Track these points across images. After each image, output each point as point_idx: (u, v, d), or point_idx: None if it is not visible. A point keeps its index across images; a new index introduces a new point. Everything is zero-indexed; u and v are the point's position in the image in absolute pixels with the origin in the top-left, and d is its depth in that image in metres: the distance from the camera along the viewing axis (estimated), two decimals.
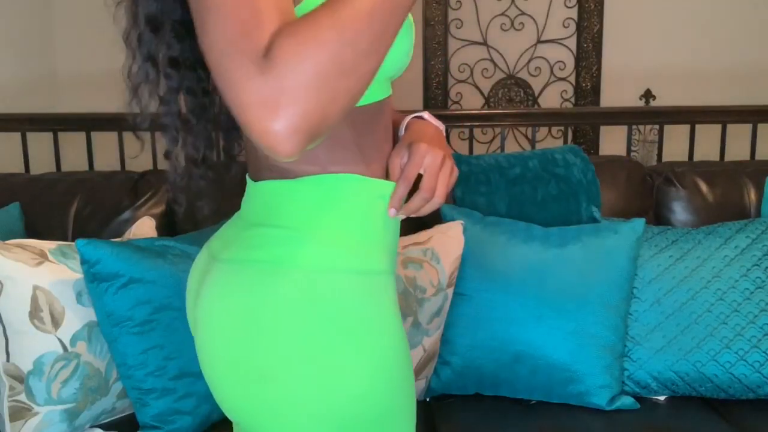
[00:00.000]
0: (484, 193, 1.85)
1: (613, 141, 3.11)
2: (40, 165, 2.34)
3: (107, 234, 1.85)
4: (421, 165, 0.92)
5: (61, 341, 1.48)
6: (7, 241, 1.52)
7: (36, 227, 1.85)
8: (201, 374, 0.96)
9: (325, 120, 0.66)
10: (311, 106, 0.65)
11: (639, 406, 1.65)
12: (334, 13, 0.66)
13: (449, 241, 1.72)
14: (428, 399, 1.72)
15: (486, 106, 3.61)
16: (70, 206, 1.90)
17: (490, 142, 3.59)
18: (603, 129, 3.45)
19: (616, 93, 3.49)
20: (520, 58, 3.56)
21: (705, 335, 1.66)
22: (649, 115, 2.76)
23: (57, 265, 1.51)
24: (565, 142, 2.92)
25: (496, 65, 3.58)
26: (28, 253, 1.50)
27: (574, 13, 3.50)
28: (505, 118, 2.49)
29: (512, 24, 3.53)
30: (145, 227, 1.80)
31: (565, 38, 3.52)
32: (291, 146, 0.65)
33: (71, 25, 3.33)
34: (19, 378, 1.45)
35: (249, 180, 0.97)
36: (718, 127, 2.42)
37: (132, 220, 1.86)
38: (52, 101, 3.21)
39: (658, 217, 1.97)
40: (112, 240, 1.63)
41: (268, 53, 0.65)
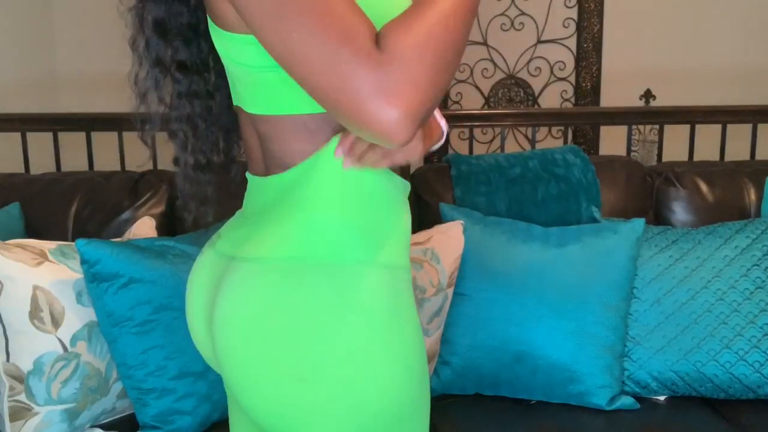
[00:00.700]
0: (484, 193, 1.85)
1: (613, 141, 3.10)
2: (40, 165, 2.34)
3: (107, 234, 1.84)
4: None
5: (61, 341, 1.48)
6: (7, 241, 1.52)
7: (36, 227, 1.85)
8: (201, 374, 0.95)
9: (434, 107, 0.75)
10: (430, 95, 0.72)
11: (639, 406, 1.65)
12: (437, 7, 0.74)
13: (449, 241, 1.72)
14: None
15: (486, 106, 3.61)
16: (70, 206, 1.90)
17: (490, 142, 3.59)
18: (603, 129, 3.45)
19: (616, 93, 3.48)
20: (520, 58, 3.55)
21: (705, 335, 1.66)
22: (649, 115, 2.76)
23: (57, 265, 1.51)
24: (565, 142, 2.92)
25: (496, 65, 3.57)
26: (28, 253, 1.50)
27: (574, 13, 3.50)
28: (505, 118, 2.49)
29: (512, 24, 3.53)
30: (145, 227, 1.80)
31: (565, 38, 3.52)
32: (408, 132, 0.71)
33: (71, 25, 3.33)
34: (19, 378, 1.45)
35: (255, 177, 0.96)
36: (718, 127, 2.42)
37: (132, 220, 1.86)
38: (52, 101, 3.21)
39: (658, 217, 1.97)
40: (112, 240, 1.63)
41: (384, 48, 0.71)
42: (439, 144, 1.00)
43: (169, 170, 2.05)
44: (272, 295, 0.87)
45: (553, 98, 3.58)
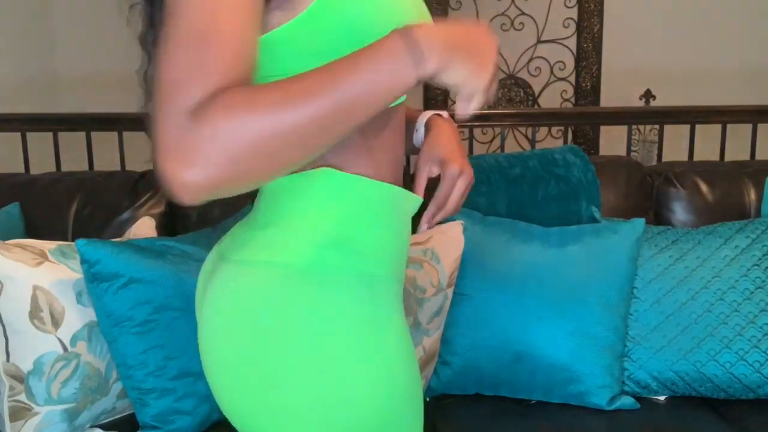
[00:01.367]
0: (484, 193, 1.85)
1: (613, 141, 3.10)
2: (40, 165, 2.34)
3: (107, 234, 1.84)
4: (452, 188, 0.96)
5: (61, 341, 1.48)
6: (7, 241, 1.52)
7: (36, 227, 1.85)
8: (201, 374, 0.95)
9: (232, 187, 0.70)
10: (223, 175, 0.68)
11: (639, 406, 1.65)
12: (274, 101, 0.69)
13: (449, 241, 1.72)
14: (428, 399, 1.72)
15: (486, 106, 3.60)
16: (70, 206, 1.90)
17: (490, 142, 3.59)
18: (603, 129, 3.45)
19: (616, 93, 3.49)
20: (520, 58, 3.56)
21: (705, 335, 1.66)
22: (649, 115, 2.76)
23: (57, 265, 1.51)
24: (565, 142, 2.92)
25: None
26: (28, 253, 1.50)
27: (574, 13, 3.50)
28: (505, 118, 2.49)
29: (512, 24, 3.53)
30: (145, 227, 1.80)
31: (565, 38, 3.53)
32: (191, 198, 0.69)
33: (71, 25, 3.33)
34: (19, 378, 1.45)
35: None
36: (718, 127, 2.42)
37: (132, 220, 1.86)
38: (52, 101, 3.21)
39: (658, 217, 1.97)
40: (112, 240, 1.63)
41: (204, 109, 0.67)
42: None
43: None
44: (247, 299, 0.87)
45: (553, 98, 3.58)
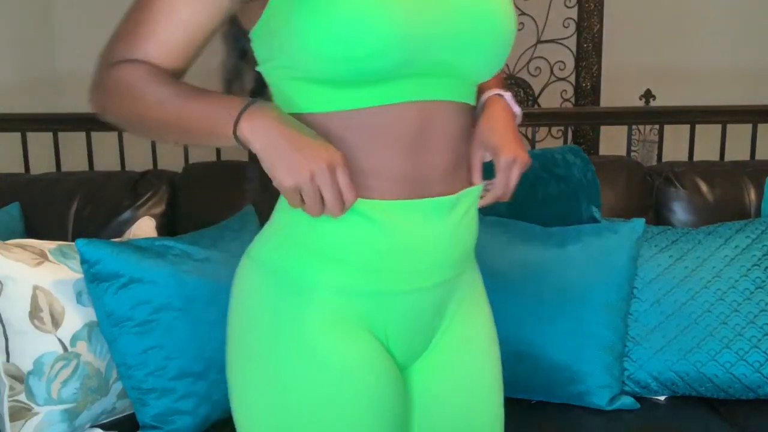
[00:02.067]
0: None
1: (613, 141, 3.10)
2: (40, 165, 2.34)
3: (107, 234, 1.84)
4: (508, 179, 0.98)
5: (61, 341, 1.48)
6: (7, 241, 1.52)
7: (36, 227, 1.85)
8: (201, 374, 0.98)
9: (109, 121, 0.95)
10: (101, 114, 0.93)
11: (639, 406, 1.65)
12: (145, 98, 0.88)
13: None
14: None
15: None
16: (70, 206, 1.90)
17: None
18: (603, 129, 3.45)
19: (616, 93, 3.48)
20: (520, 58, 3.55)
21: (705, 335, 1.66)
22: (649, 115, 2.76)
23: (57, 265, 1.51)
24: (565, 142, 2.92)
25: None
26: (28, 253, 1.50)
27: (574, 13, 3.50)
28: None
29: None
30: (145, 227, 1.80)
31: (565, 38, 3.52)
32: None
33: (71, 25, 3.33)
34: (19, 378, 1.45)
35: None
36: (718, 127, 2.42)
37: (132, 220, 1.86)
38: (52, 101, 3.21)
39: (658, 217, 1.97)
40: (112, 240, 1.63)
41: (114, 69, 0.89)
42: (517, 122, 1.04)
43: (169, 170, 2.06)
44: (236, 291, 0.98)
45: (553, 98, 3.58)
